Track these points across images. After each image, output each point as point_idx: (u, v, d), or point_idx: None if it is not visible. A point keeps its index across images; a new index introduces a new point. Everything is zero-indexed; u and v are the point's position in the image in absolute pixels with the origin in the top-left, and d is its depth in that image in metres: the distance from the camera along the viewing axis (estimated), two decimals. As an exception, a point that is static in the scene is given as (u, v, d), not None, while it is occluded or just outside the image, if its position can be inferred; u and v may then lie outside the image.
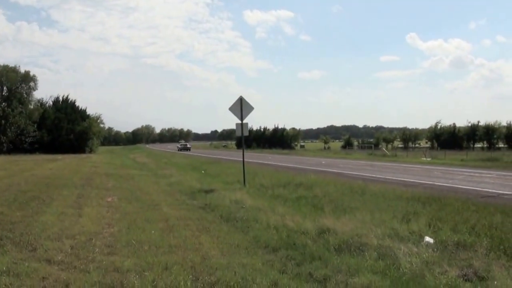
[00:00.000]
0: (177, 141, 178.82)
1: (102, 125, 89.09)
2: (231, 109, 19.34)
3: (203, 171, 28.26)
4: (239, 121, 19.26)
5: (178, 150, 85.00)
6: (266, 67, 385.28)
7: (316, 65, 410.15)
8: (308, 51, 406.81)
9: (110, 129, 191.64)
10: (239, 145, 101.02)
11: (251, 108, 19.51)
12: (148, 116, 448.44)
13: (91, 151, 76.36)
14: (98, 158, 50.95)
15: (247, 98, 19.44)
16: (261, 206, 12.65)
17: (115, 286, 5.89)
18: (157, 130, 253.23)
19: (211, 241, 8.64)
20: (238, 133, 19.52)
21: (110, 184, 20.13)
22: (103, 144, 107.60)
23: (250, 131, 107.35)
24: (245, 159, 20.48)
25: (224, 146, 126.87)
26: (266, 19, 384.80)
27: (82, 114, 78.26)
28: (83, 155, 60.79)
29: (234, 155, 55.66)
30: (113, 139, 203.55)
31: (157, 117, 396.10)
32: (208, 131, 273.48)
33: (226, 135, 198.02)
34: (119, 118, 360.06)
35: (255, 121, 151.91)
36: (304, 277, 6.38)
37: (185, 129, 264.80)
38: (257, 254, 7.69)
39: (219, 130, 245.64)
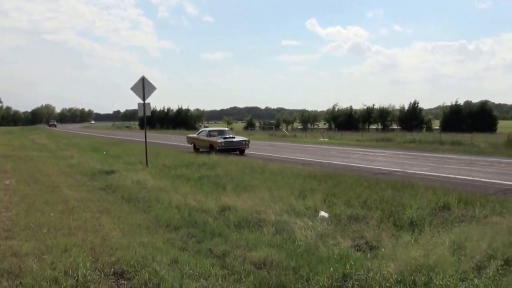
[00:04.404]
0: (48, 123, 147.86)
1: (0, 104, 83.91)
2: (133, 88, 19.04)
3: (104, 152, 27.63)
4: (142, 101, 19.04)
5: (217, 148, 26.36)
6: (170, 47, 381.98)
7: (219, 46, 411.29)
8: (211, 32, 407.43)
9: (8, 108, 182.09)
10: (142, 126, 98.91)
11: (153, 88, 19.31)
12: (48, 95, 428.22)
13: (-13, 132, 72.14)
14: (-6, 139, 48.37)
15: (151, 78, 19.25)
16: (164, 186, 12.69)
17: (13, 270, 5.77)
18: (58, 110, 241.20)
19: (111, 222, 8.61)
20: (141, 113, 19.31)
21: (8, 166, 19.42)
22: (0, 124, 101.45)
23: (154, 111, 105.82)
24: (148, 140, 20.34)
25: (127, 126, 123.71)
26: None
27: (-22, 93, 73.47)
28: (-22, 136, 57.46)
29: (137, 135, 54.82)
30: (12, 119, 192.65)
31: (58, 96, 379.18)
32: (111, 111, 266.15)
33: (129, 116, 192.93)
34: (18, 97, 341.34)
35: (160, 102, 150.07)
36: (204, 253, 6.57)
37: (87, 109, 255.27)
38: (158, 233, 7.78)
39: (122, 110, 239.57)
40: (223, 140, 26.63)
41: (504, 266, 5.94)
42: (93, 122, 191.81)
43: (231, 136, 28.57)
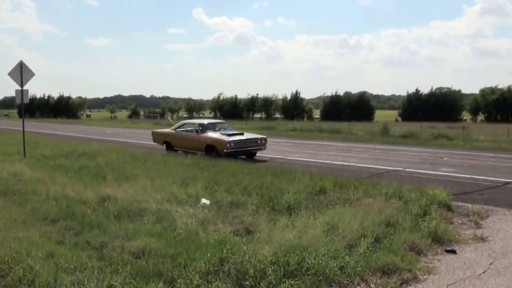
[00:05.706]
0: None
1: None
2: (10, 74, 18.15)
3: (-22, 143, 26.08)
4: (20, 88, 18.19)
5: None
6: (52, 31, 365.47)
7: (104, 32, 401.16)
8: (95, 17, 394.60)
9: None
10: (21, 114, 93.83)
11: (32, 74, 18.50)
12: None
13: None
14: None
15: (32, 64, 18.56)
16: (41, 177, 12.24)
17: None
18: None
19: (-16, 218, 8.23)
20: (18, 101, 18.44)
21: None
22: None
23: (34, 99, 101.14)
24: (27, 129, 19.59)
25: (5, 115, 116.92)
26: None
27: None
28: None
29: (16, 124, 51.99)
30: None
31: None
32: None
33: (8, 103, 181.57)
34: None
35: (41, 89, 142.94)
36: (81, 245, 6.47)
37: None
38: (34, 227, 7.55)
39: (0, 97, 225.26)
40: (231, 139, 17.69)
41: (374, 243, 6.50)
42: None
43: (236, 132, 19.42)
